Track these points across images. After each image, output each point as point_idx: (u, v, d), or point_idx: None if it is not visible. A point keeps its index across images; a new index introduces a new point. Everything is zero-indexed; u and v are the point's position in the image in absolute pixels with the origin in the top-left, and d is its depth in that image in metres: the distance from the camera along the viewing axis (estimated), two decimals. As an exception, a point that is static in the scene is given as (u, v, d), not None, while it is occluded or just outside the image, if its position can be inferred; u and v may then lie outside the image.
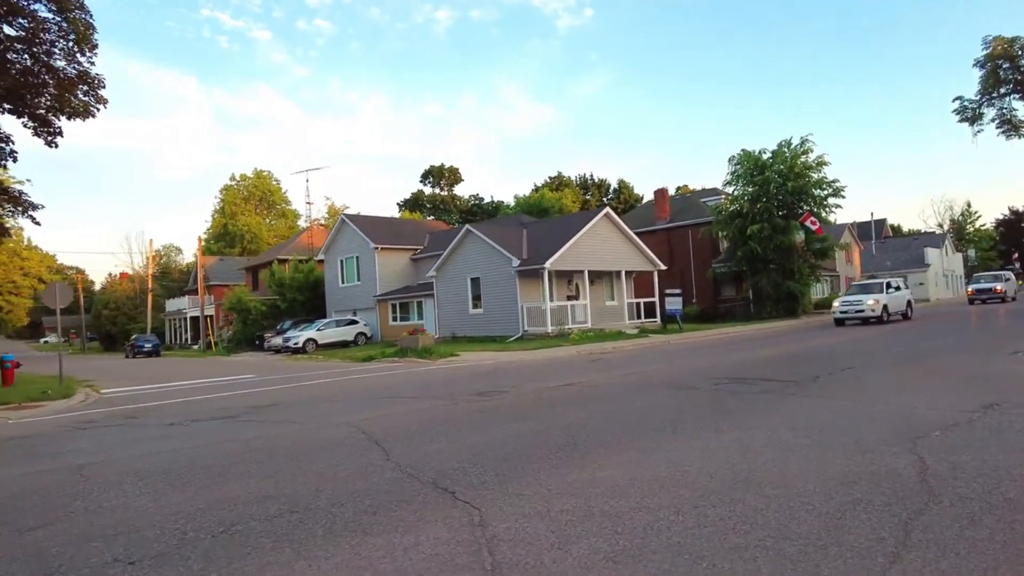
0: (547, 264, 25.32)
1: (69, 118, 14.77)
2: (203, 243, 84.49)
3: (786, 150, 34.61)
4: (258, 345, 39.81)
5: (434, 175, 76.91)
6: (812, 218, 33.26)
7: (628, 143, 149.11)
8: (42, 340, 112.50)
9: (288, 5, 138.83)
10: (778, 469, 4.89)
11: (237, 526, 4.34)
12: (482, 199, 76.81)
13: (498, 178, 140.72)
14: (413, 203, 74.30)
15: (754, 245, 33.22)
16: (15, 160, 15.28)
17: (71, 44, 14.53)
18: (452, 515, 4.27)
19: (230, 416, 10.13)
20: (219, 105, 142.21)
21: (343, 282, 39.35)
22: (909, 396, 7.97)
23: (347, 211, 74.30)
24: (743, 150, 35.43)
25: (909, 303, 27.17)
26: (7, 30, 15.19)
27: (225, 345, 44.02)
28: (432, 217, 68.99)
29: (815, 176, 34.57)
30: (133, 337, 47.94)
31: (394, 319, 35.42)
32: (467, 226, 29.50)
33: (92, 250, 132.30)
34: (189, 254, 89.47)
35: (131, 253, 62.50)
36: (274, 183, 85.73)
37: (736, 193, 35.70)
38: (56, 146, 14.77)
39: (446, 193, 77.01)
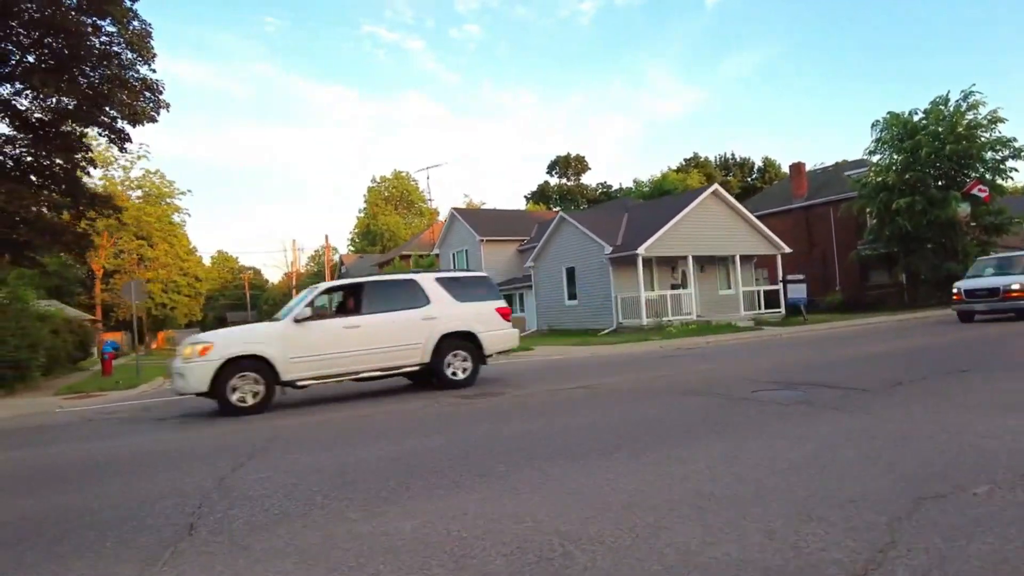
0: (640, 250, 23.09)
1: (134, 124, 15.60)
2: (349, 241, 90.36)
3: (943, 108, 29.02)
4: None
5: (560, 165, 75.58)
6: (980, 186, 27.60)
7: (783, 120, 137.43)
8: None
9: (439, 14, 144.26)
10: (621, 544, 3.09)
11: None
12: (610, 186, 74.26)
13: (640, 164, 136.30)
14: (539, 195, 73.59)
15: (903, 222, 28.20)
16: (95, 167, 16.48)
17: (134, 55, 15.23)
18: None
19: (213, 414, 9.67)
20: (376, 114, 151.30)
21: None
22: (1011, 420, 5.43)
23: (483, 207, 75.62)
24: (889, 113, 30.25)
25: (459, 339, 10.61)
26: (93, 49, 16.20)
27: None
28: (559, 208, 67.90)
29: (985, 136, 28.68)
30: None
31: (499, 311, 34.77)
32: (560, 213, 27.90)
33: (255, 250, 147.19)
34: (342, 253, 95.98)
35: (284, 252, 68.61)
36: (412, 183, 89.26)
37: (882, 162, 30.62)
38: (126, 151, 15.80)
39: (573, 183, 75.41)
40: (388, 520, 3.65)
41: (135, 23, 14.88)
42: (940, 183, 28.54)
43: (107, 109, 15.44)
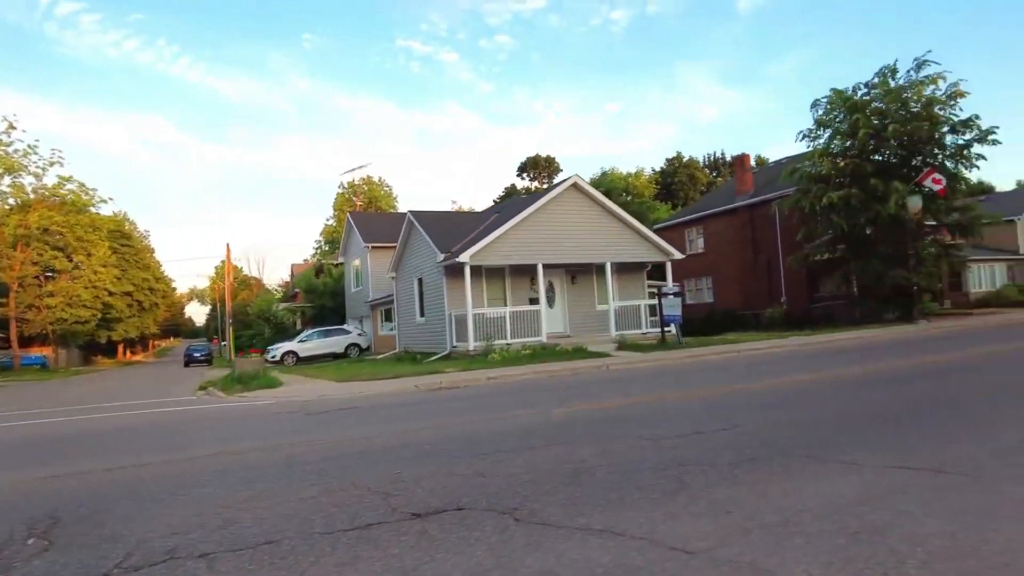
0: (465, 257, 18.25)
1: None
2: (316, 251, 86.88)
3: (891, 81, 23.69)
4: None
5: (530, 167, 70.87)
6: (935, 175, 22.13)
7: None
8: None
9: (470, 26, 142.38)
10: None
11: None
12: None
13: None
14: (506, 198, 68.91)
15: (838, 220, 22.99)
16: None
17: None
18: None
19: None
20: (417, 125, 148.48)
21: (354, 287, 35.02)
22: None
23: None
24: (832, 90, 24.87)
25: None
26: None
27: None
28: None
29: (944, 116, 23.27)
30: (189, 347, 48.03)
31: (383, 328, 30.17)
32: (408, 213, 23.08)
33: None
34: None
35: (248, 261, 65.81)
36: (384, 189, 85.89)
37: (822, 147, 25.23)
38: None
39: (546, 186, 70.61)
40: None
41: None
42: (901, 169, 23.28)
43: None
